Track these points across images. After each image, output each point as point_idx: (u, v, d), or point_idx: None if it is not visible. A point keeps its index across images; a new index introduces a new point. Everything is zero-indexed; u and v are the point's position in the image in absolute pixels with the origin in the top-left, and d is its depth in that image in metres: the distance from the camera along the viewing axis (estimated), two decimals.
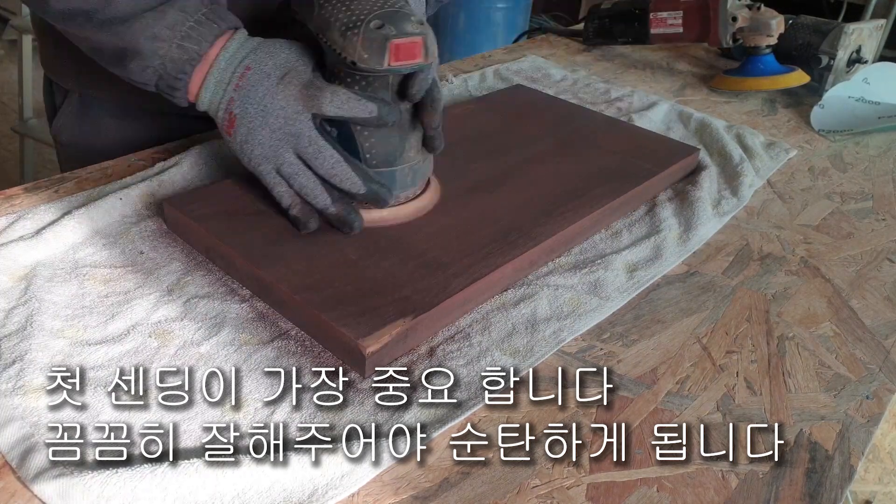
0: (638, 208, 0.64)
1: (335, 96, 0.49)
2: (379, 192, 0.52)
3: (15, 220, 0.53)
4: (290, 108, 0.50)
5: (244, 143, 0.51)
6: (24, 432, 0.37)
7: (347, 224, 0.51)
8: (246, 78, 0.51)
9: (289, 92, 0.50)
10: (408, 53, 0.48)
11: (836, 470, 0.42)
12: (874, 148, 0.84)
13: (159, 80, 0.52)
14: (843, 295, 0.57)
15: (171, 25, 0.50)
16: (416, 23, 0.48)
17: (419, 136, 0.54)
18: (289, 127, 0.50)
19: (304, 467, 0.37)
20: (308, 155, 0.50)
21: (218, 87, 0.51)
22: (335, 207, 0.51)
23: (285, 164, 0.51)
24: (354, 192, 0.51)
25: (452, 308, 0.48)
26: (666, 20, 1.00)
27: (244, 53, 0.51)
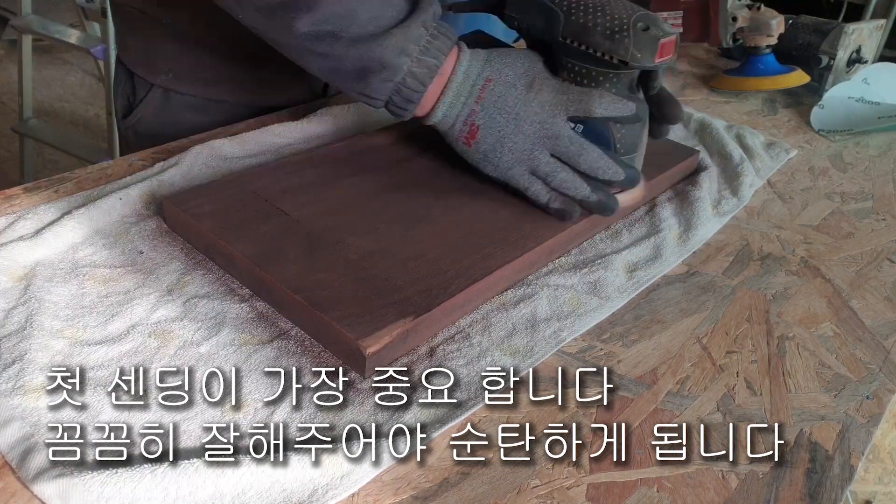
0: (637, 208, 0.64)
1: (602, 99, 0.53)
2: (634, 176, 0.55)
3: (15, 220, 0.53)
4: (545, 113, 0.54)
5: (491, 152, 0.55)
6: (24, 432, 0.37)
7: (609, 208, 0.55)
8: (488, 89, 0.54)
9: (543, 98, 0.54)
10: (669, 50, 0.53)
11: (836, 470, 0.42)
12: (874, 148, 0.84)
13: (395, 95, 0.53)
14: (844, 295, 0.57)
15: (416, 40, 0.52)
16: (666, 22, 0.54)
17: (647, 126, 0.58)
18: (545, 130, 0.54)
19: (304, 467, 0.37)
20: (571, 152, 0.54)
21: (456, 101, 0.54)
22: (596, 195, 0.55)
23: (542, 164, 0.54)
24: (616, 180, 0.54)
25: (453, 309, 0.48)
26: (666, 20, 1.00)
27: (479, 66, 0.54)
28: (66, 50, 2.86)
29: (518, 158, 0.54)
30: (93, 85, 2.71)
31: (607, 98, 0.53)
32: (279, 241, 0.51)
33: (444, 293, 0.47)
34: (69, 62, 2.85)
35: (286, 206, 0.54)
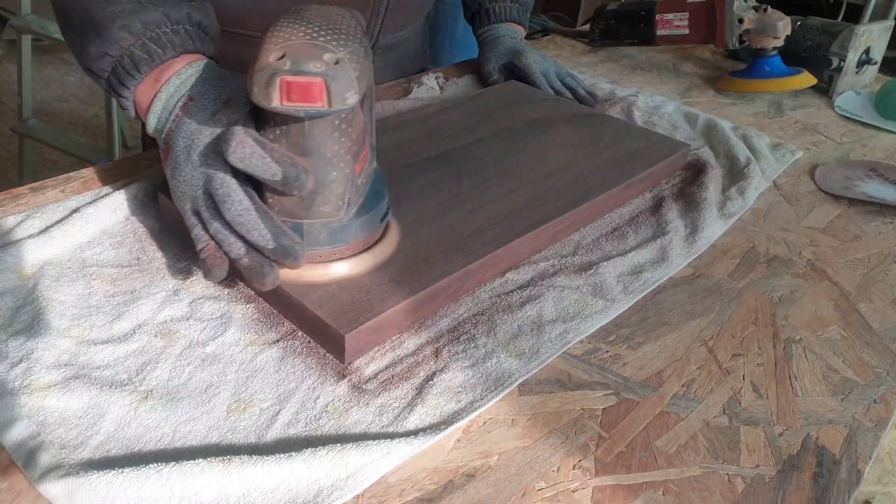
0: (623, 205, 0.65)
1: (240, 147, 0.43)
2: (290, 250, 0.44)
3: (23, 220, 0.53)
4: (210, 146, 0.46)
5: (171, 178, 0.48)
6: (31, 431, 0.37)
7: (260, 277, 0.44)
8: (186, 109, 0.48)
9: (215, 129, 0.46)
10: (303, 95, 0.41)
11: (843, 474, 0.41)
12: (881, 150, 0.84)
13: (112, 74, 0.50)
14: (851, 298, 0.57)
15: (147, 23, 0.49)
16: (329, 62, 0.41)
17: (339, 192, 0.46)
18: (206, 166, 0.46)
19: (310, 468, 0.37)
20: (217, 198, 0.45)
21: (163, 114, 0.49)
22: (248, 259, 0.45)
23: (203, 207, 0.46)
24: (262, 246, 0.44)
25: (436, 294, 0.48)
26: (672, 21, 1.00)
27: (193, 82, 0.49)
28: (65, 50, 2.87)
29: (187, 192, 0.46)
30: (92, 85, 2.72)
31: (246, 147, 0.43)
32: None
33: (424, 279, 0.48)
34: (69, 62, 2.86)
35: None
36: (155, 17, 0.49)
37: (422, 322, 0.48)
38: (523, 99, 0.79)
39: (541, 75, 0.85)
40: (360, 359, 0.45)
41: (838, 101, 0.95)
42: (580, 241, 0.59)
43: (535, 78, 0.84)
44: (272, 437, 0.39)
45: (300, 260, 0.45)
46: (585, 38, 1.14)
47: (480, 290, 0.52)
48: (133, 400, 0.40)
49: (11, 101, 2.52)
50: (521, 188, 0.60)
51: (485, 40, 0.92)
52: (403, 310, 0.46)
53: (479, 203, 0.57)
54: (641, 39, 1.05)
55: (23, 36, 1.83)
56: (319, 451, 0.37)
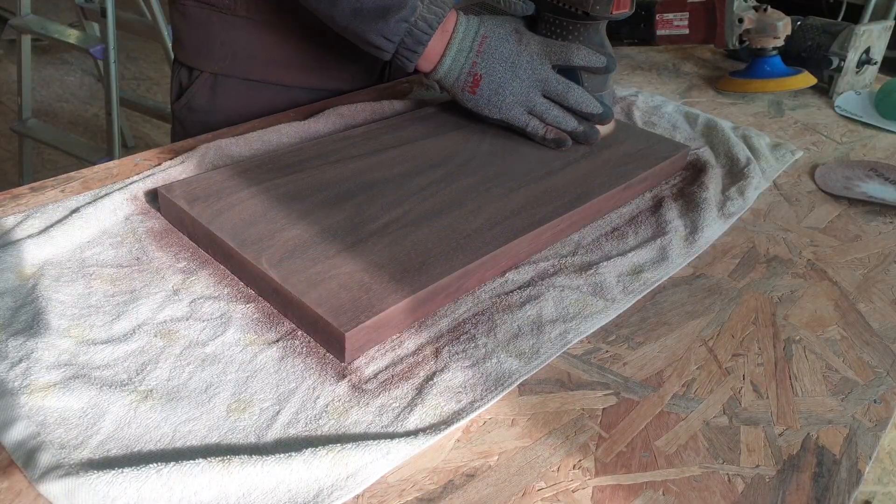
0: (623, 205, 0.65)
1: (580, 51, 0.65)
2: (608, 112, 0.67)
3: (23, 220, 0.53)
4: (535, 62, 0.65)
5: (495, 96, 0.65)
6: (31, 431, 0.37)
7: (594, 137, 0.67)
8: (486, 44, 0.64)
9: (531, 49, 0.65)
10: (625, 4, 0.64)
11: (843, 474, 0.41)
12: (881, 150, 0.84)
13: (407, 36, 0.62)
14: (851, 298, 0.57)
15: None
16: None
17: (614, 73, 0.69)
18: (536, 75, 0.65)
19: (310, 468, 0.37)
20: (559, 92, 0.65)
21: (459, 55, 0.64)
22: (582, 126, 0.66)
23: (538, 104, 0.65)
24: (596, 114, 0.65)
25: (436, 293, 0.48)
26: (672, 21, 1.00)
27: (476, 25, 0.65)
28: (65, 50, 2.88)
29: (517, 100, 0.65)
30: (92, 85, 2.72)
31: (584, 50, 0.65)
32: (265, 224, 0.52)
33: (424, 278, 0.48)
34: (68, 62, 2.86)
35: (280, 192, 0.56)
36: None
37: (422, 322, 0.48)
38: None
39: None
40: (360, 359, 0.45)
41: (838, 101, 0.95)
42: (580, 241, 0.59)
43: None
44: (272, 437, 0.39)
45: (612, 116, 0.68)
46: None
47: (480, 290, 0.52)
48: (133, 400, 0.40)
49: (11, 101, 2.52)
50: (521, 188, 0.60)
51: None
52: (404, 309, 0.46)
53: (479, 203, 0.57)
54: (641, 39, 1.05)
55: (23, 36, 1.83)
56: (319, 451, 0.37)
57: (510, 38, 0.65)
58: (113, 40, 1.68)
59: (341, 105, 0.74)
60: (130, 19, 1.85)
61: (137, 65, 2.99)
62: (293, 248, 0.50)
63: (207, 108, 0.80)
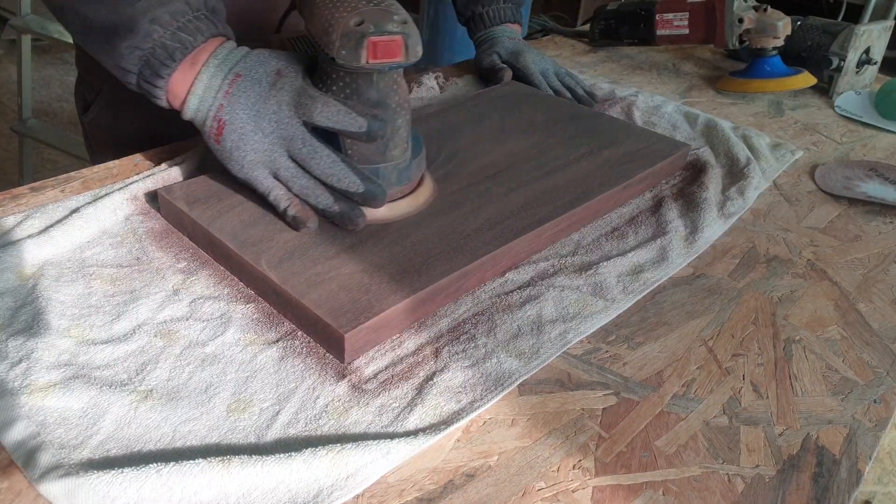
0: (623, 205, 0.65)
1: (326, 107, 0.50)
2: (375, 191, 0.51)
3: (23, 220, 0.53)
4: (282, 112, 0.51)
5: (235, 150, 0.52)
6: (30, 431, 0.37)
7: (352, 221, 0.51)
8: (236, 84, 0.52)
9: (281, 97, 0.51)
10: (387, 52, 0.48)
11: (843, 475, 0.41)
12: (881, 150, 0.84)
13: (144, 67, 0.52)
14: (851, 298, 0.57)
15: (174, 13, 0.51)
16: (399, 21, 0.49)
17: (404, 136, 0.54)
18: (281, 130, 0.51)
19: (310, 468, 0.37)
20: (304, 156, 0.51)
21: (207, 94, 0.52)
22: (338, 206, 0.51)
23: (282, 168, 0.51)
24: (353, 191, 0.51)
25: (436, 293, 0.48)
26: (672, 21, 1.00)
27: (234, 61, 0.53)
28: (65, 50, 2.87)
29: (260, 159, 0.52)
30: None
31: (333, 107, 0.50)
32: (265, 225, 0.52)
33: (423, 278, 0.48)
34: (68, 62, 2.86)
35: None
36: (180, 7, 0.52)
37: (422, 322, 0.48)
38: (523, 99, 0.79)
39: (539, 75, 0.85)
40: (360, 359, 0.45)
41: (838, 101, 0.95)
42: (580, 241, 0.59)
43: (534, 78, 0.84)
44: (272, 437, 0.39)
45: (384, 199, 0.52)
46: (585, 38, 1.14)
47: (480, 290, 0.52)
48: (133, 400, 0.40)
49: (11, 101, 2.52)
50: (521, 188, 0.60)
51: (481, 44, 0.91)
52: (403, 309, 0.46)
53: (478, 203, 0.57)
54: (641, 39, 1.05)
55: (23, 36, 1.83)
56: (319, 451, 0.37)
57: (265, 80, 0.52)
58: None
59: None
60: None
61: None
62: (293, 250, 0.50)
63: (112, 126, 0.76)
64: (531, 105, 0.77)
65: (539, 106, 0.77)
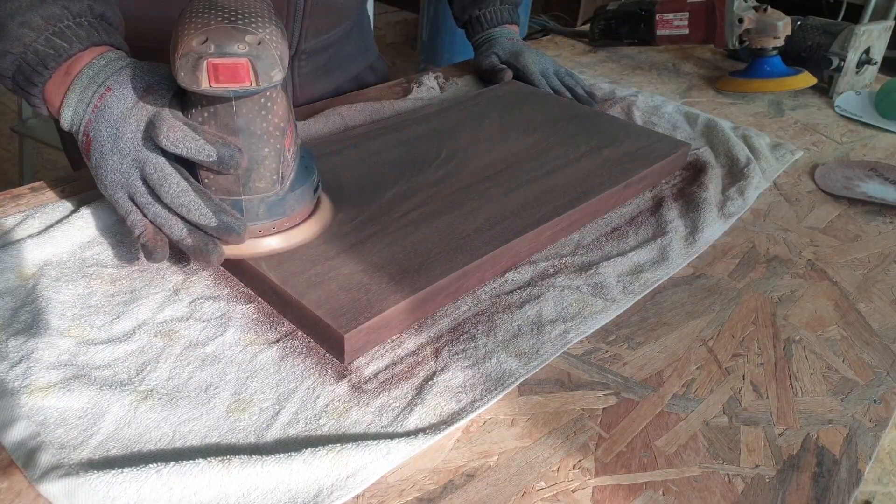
0: (623, 205, 0.65)
1: (172, 132, 0.45)
2: (232, 226, 0.46)
3: (23, 220, 0.53)
4: (139, 133, 0.47)
5: (98, 168, 0.48)
6: (31, 431, 0.37)
7: (206, 255, 0.46)
8: (105, 99, 0.48)
9: (141, 115, 0.47)
10: (230, 76, 0.43)
11: (843, 475, 0.41)
12: (881, 150, 0.84)
13: (17, 73, 0.49)
14: (851, 298, 0.57)
15: (48, 17, 0.48)
16: (251, 43, 0.43)
17: (272, 167, 0.48)
18: (136, 152, 0.47)
19: (310, 468, 0.37)
20: (153, 182, 0.47)
21: (79, 106, 0.49)
22: (191, 238, 0.47)
23: (137, 193, 0.47)
24: (204, 224, 0.46)
25: (436, 293, 0.48)
26: (672, 21, 1.00)
27: (109, 72, 0.49)
28: None
29: (118, 181, 0.47)
30: None
31: (178, 132, 0.45)
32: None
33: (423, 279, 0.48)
34: None
35: None
36: (55, 12, 0.48)
37: (422, 322, 0.48)
38: (523, 99, 0.79)
39: (539, 75, 0.85)
40: (359, 359, 0.45)
41: (838, 101, 0.95)
42: (580, 241, 0.59)
43: (534, 78, 0.84)
44: (272, 437, 0.39)
45: (243, 235, 0.47)
46: (585, 38, 1.14)
47: (480, 290, 0.52)
48: (133, 400, 0.40)
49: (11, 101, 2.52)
50: (521, 188, 0.60)
51: (480, 45, 0.91)
52: (403, 309, 0.46)
53: (479, 203, 0.57)
54: (641, 39, 1.05)
55: None
56: (319, 451, 0.37)
57: (131, 96, 0.48)
58: None
59: (341, 105, 0.74)
60: None
61: None
62: (293, 250, 0.50)
63: None
64: (531, 105, 0.77)
65: (539, 106, 0.77)
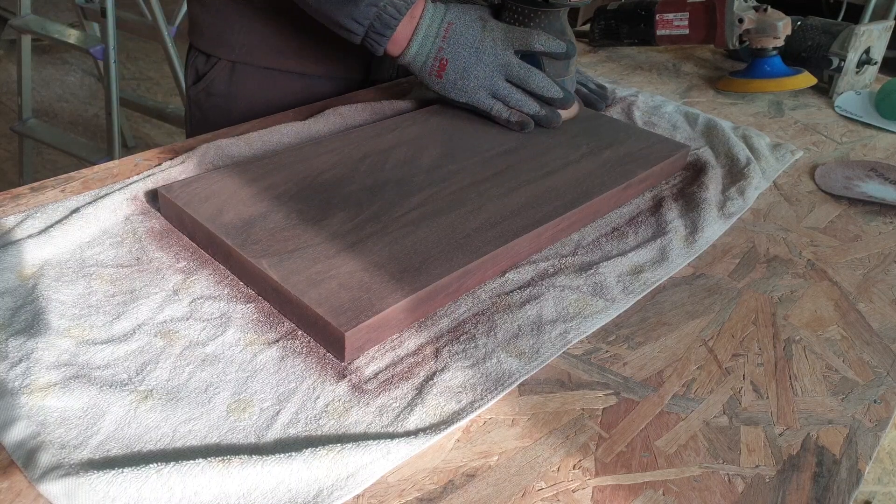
0: (623, 205, 0.65)
1: (540, 37, 0.67)
2: (568, 97, 0.69)
3: (23, 220, 0.53)
4: (498, 47, 0.67)
5: (459, 79, 0.68)
6: (31, 431, 0.37)
7: (556, 120, 0.70)
8: (451, 30, 0.67)
9: (495, 35, 0.68)
10: None
11: (843, 475, 0.41)
12: (881, 150, 0.84)
13: (375, 20, 0.64)
14: (851, 298, 0.57)
15: None
16: None
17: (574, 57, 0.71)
18: (499, 60, 0.67)
19: (310, 468, 0.37)
20: (521, 76, 0.68)
21: (426, 40, 0.67)
22: (544, 111, 0.69)
23: (501, 89, 0.68)
24: (557, 98, 0.68)
25: (436, 292, 0.48)
26: (672, 21, 1.00)
27: (443, 12, 0.67)
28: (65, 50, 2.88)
29: (481, 84, 0.68)
30: (92, 85, 2.72)
31: (544, 37, 0.67)
32: (265, 224, 0.52)
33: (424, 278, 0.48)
34: (68, 62, 2.86)
35: (279, 191, 0.56)
36: None
37: (422, 322, 0.48)
38: None
39: None
40: (360, 358, 0.45)
41: (838, 101, 0.95)
42: (580, 241, 0.59)
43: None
44: (272, 437, 0.39)
45: (573, 102, 0.71)
46: (585, 38, 1.14)
47: (480, 290, 0.52)
48: (133, 400, 0.40)
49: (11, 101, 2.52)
50: (521, 188, 0.60)
51: None
52: (403, 308, 0.46)
53: (479, 203, 0.57)
54: (641, 39, 1.05)
55: (23, 36, 1.83)
56: (319, 451, 0.37)
57: (475, 24, 0.68)
58: (113, 40, 1.68)
59: (341, 105, 0.74)
60: (130, 19, 1.85)
61: (137, 65, 2.99)
62: (293, 248, 0.50)
63: (226, 93, 0.83)
64: None
65: None
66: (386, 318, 0.45)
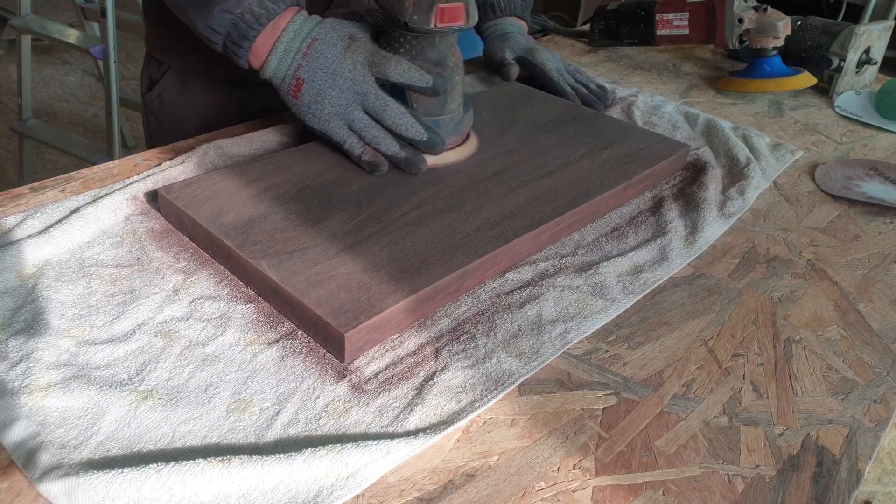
0: (623, 205, 0.65)
1: (398, 65, 0.59)
2: (436, 140, 0.60)
3: (23, 220, 0.53)
4: (357, 71, 0.59)
5: (313, 104, 0.59)
6: (31, 431, 0.37)
7: (416, 165, 0.60)
8: (313, 47, 0.59)
9: (356, 58, 0.59)
10: (452, 17, 0.57)
11: (843, 475, 0.41)
12: (881, 150, 0.84)
13: (232, 29, 0.58)
14: (851, 298, 0.57)
15: None
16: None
17: (459, 92, 0.63)
18: (356, 87, 0.59)
19: (310, 468, 0.37)
20: (376, 109, 0.59)
21: (286, 55, 0.60)
22: (404, 152, 0.60)
23: (356, 120, 0.59)
24: (417, 140, 0.59)
25: (436, 293, 0.48)
26: (672, 21, 1.00)
27: (310, 26, 0.60)
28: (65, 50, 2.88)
29: (335, 112, 0.59)
30: (92, 85, 2.72)
31: (404, 66, 0.59)
32: (265, 224, 0.52)
33: (423, 278, 0.48)
34: (68, 62, 2.86)
35: (279, 192, 0.56)
36: None
37: (422, 322, 0.48)
38: (523, 100, 0.79)
39: (556, 73, 0.85)
40: (360, 359, 0.45)
41: (838, 101, 0.95)
42: (580, 241, 0.59)
43: (552, 75, 0.85)
44: (272, 437, 0.39)
45: (443, 147, 0.61)
46: (585, 38, 1.14)
47: (480, 290, 0.52)
48: (133, 400, 0.40)
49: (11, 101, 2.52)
50: (521, 188, 0.60)
51: (492, 35, 0.91)
52: (403, 308, 0.46)
53: (479, 203, 0.57)
54: (641, 39, 1.05)
55: (23, 36, 1.83)
56: (319, 451, 0.37)
57: (340, 43, 0.60)
58: (113, 40, 1.68)
59: None
60: (130, 19, 1.85)
61: (137, 65, 2.99)
62: (293, 249, 0.50)
63: (178, 102, 0.81)
64: (531, 105, 0.77)
65: (539, 106, 0.77)
66: (386, 318, 0.45)
